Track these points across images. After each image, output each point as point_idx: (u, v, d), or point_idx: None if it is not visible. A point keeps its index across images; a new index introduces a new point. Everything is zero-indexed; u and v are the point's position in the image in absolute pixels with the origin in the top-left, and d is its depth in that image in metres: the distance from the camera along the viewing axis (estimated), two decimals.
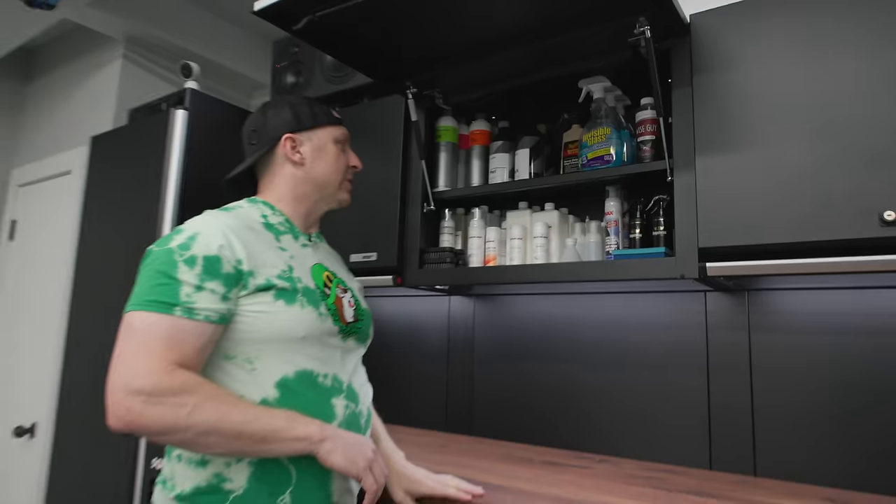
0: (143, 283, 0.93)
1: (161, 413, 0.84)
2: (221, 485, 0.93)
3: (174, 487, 0.95)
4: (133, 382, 0.84)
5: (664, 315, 1.67)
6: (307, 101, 1.19)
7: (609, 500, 1.21)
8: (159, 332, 0.88)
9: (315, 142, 1.16)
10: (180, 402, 0.84)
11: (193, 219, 1.01)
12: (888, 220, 1.10)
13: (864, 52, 1.19)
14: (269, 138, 1.14)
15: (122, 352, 0.88)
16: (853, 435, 1.39)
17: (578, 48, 1.52)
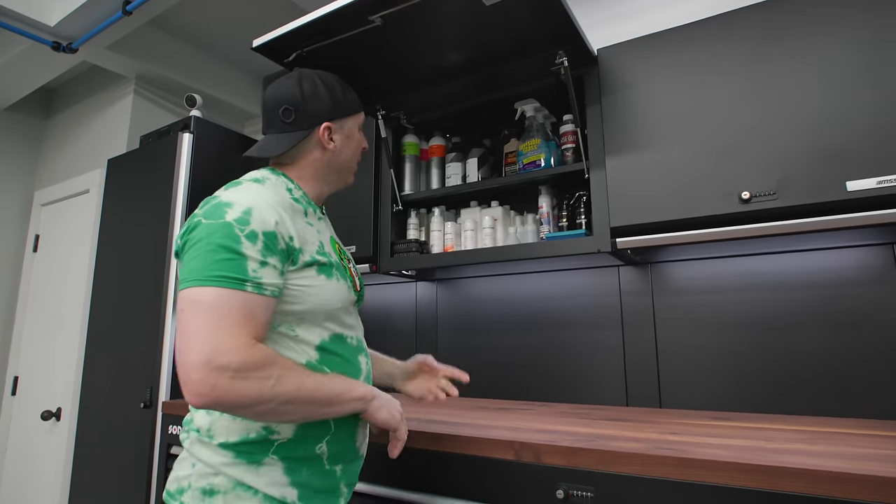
0: (205, 258, 0.79)
1: (248, 387, 0.75)
2: (270, 436, 0.87)
3: (214, 436, 0.86)
4: (218, 359, 0.74)
5: (588, 287, 1.79)
6: (340, 85, 1.04)
7: (546, 427, 1.31)
8: (235, 307, 0.77)
9: (346, 130, 1.04)
10: (265, 375, 0.77)
11: (237, 190, 0.88)
12: (745, 199, 1.25)
13: (722, 75, 1.34)
14: (308, 122, 0.99)
15: (198, 328, 0.75)
16: (732, 369, 1.52)
17: (513, 76, 1.63)
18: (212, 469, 0.86)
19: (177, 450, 1.79)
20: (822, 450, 1.01)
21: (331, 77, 1.04)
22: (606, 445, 1.07)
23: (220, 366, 0.74)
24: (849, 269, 1.42)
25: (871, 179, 1.14)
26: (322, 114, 1.00)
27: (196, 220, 0.84)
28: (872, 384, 1.35)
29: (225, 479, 0.85)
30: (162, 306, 1.99)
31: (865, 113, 1.17)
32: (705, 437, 1.14)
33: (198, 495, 0.85)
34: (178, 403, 1.83)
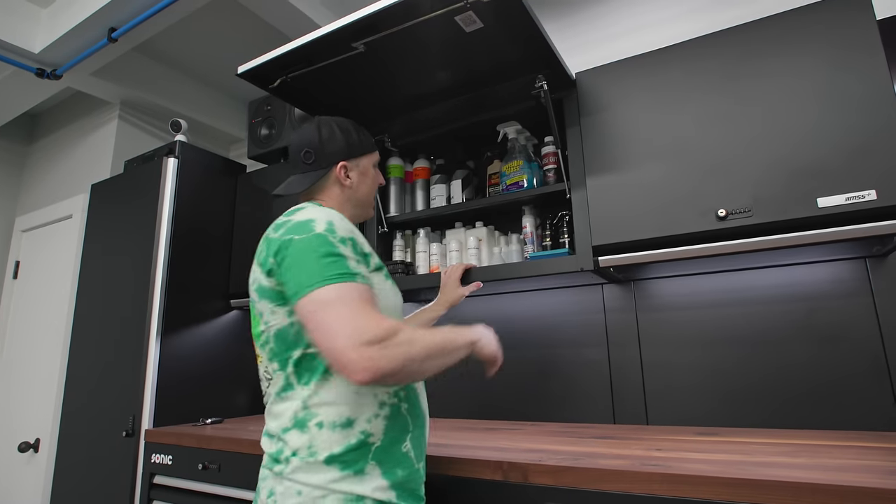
0: (314, 265, 0.89)
1: (396, 354, 0.83)
2: (367, 440, 0.93)
3: (317, 452, 0.90)
4: (363, 336, 0.81)
5: (573, 305, 1.81)
6: (354, 128, 1.16)
7: (534, 446, 1.31)
8: (357, 295, 0.87)
9: (360, 167, 1.16)
10: (404, 340, 0.85)
11: (308, 212, 0.98)
12: (721, 216, 1.28)
13: (696, 97, 1.39)
14: (326, 162, 1.11)
15: (336, 318, 0.84)
16: (716, 384, 1.54)
17: (495, 99, 1.67)
18: (320, 491, 0.89)
19: (163, 479, 1.76)
20: (803, 462, 1.02)
21: (346, 122, 1.17)
22: (593, 463, 1.08)
23: (367, 341, 0.81)
24: (825, 283, 1.45)
25: (841, 196, 1.18)
26: (338, 154, 1.12)
27: (287, 239, 0.94)
28: (852, 396, 1.38)
29: (334, 497, 0.89)
30: (145, 332, 1.96)
31: (833, 132, 1.22)
32: (689, 453, 1.15)
33: None
34: (161, 431, 1.80)
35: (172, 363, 2.00)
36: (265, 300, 0.97)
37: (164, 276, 2.03)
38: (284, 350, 0.95)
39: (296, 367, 0.94)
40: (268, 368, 0.99)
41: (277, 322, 0.95)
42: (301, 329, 0.94)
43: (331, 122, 1.14)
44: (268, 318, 0.97)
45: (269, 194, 2.24)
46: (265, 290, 0.97)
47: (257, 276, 0.99)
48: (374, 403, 0.96)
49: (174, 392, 1.99)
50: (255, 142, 2.35)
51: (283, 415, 0.95)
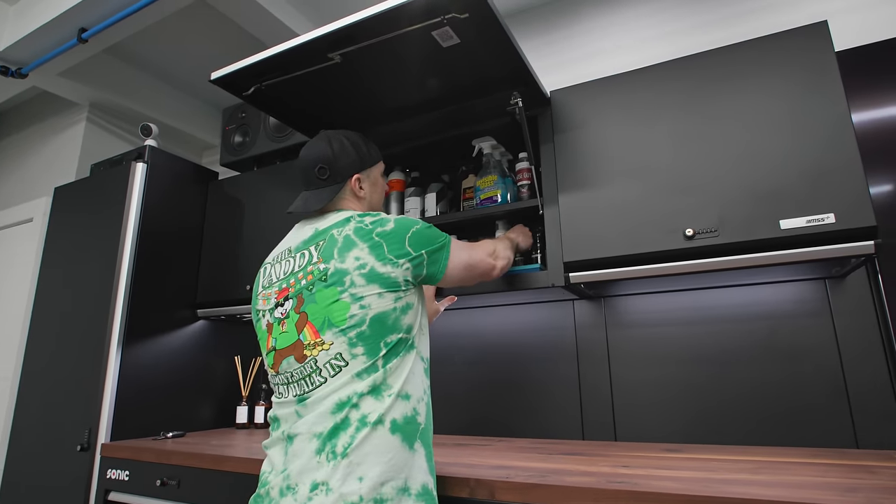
0: (448, 241, 1.15)
1: (503, 261, 1.30)
2: (416, 418, 1.01)
3: (384, 419, 0.97)
4: (489, 257, 1.24)
5: (543, 321, 1.82)
6: (363, 140, 1.24)
7: (502, 463, 1.30)
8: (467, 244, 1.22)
9: (371, 177, 1.23)
10: (502, 255, 1.30)
11: (389, 216, 1.12)
12: (689, 235, 1.31)
13: (665, 119, 1.42)
14: (341, 176, 1.17)
15: (476, 249, 1.22)
16: (683, 401, 1.56)
17: (471, 114, 1.69)
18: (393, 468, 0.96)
19: (118, 496, 1.69)
20: (764, 479, 1.04)
21: (354, 134, 1.23)
22: (560, 480, 1.07)
23: (492, 257, 1.27)
24: (787, 303, 1.49)
25: (801, 218, 1.21)
26: (351, 167, 1.18)
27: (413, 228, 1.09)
28: (812, 414, 1.41)
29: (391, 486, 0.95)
30: (106, 342, 1.90)
31: (795, 157, 1.26)
32: (655, 470, 1.16)
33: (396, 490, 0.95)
34: (118, 445, 1.73)
35: (133, 374, 1.94)
36: (374, 284, 1.01)
37: (127, 284, 1.97)
38: (381, 333, 1.00)
39: (389, 349, 1.00)
40: (342, 354, 0.99)
41: (382, 306, 1.01)
42: (401, 315, 1.03)
43: (340, 136, 1.20)
44: (369, 301, 1.00)
45: (239, 203, 2.21)
46: (376, 276, 1.02)
47: (367, 263, 1.02)
48: (423, 387, 1.06)
49: (134, 404, 1.92)
50: (229, 149, 2.32)
51: (351, 385, 0.98)
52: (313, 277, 1.04)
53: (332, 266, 1.03)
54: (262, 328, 1.11)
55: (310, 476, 0.94)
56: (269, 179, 2.14)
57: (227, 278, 2.15)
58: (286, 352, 1.04)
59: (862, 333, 1.40)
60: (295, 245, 1.14)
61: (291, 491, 0.95)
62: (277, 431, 1.05)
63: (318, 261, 1.05)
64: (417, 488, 0.97)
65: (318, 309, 1.02)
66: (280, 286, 1.10)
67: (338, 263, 1.03)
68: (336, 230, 1.08)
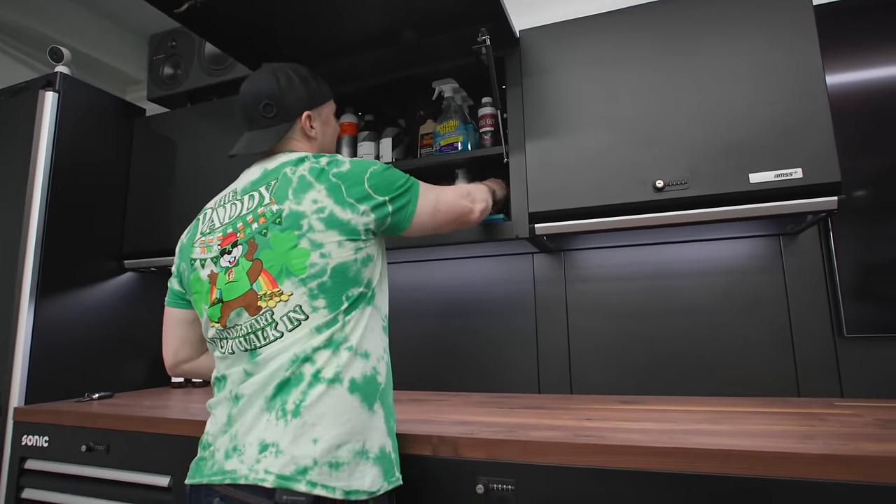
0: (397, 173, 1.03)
1: (481, 203, 1.17)
2: (376, 378, 0.94)
3: (342, 376, 0.89)
4: (464, 199, 1.12)
5: (502, 274, 1.77)
6: (311, 75, 1.11)
7: (463, 418, 1.26)
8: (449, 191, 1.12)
9: (323, 116, 1.12)
10: (477, 193, 1.19)
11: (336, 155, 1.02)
12: (658, 187, 1.27)
13: (637, 65, 1.35)
14: (289, 114, 1.05)
15: (447, 191, 1.11)
16: (639, 354, 1.57)
17: (432, 52, 1.55)
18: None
19: (36, 463, 1.52)
20: (726, 429, 1.05)
21: (301, 68, 1.10)
22: (527, 436, 1.04)
23: (471, 200, 1.15)
24: (745, 259, 1.51)
25: (770, 173, 1.20)
26: (301, 103, 1.06)
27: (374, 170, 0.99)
28: (761, 365, 1.45)
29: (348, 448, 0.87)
30: (15, 296, 1.67)
31: (766, 111, 1.23)
32: (619, 422, 1.15)
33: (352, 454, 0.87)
34: (35, 409, 1.55)
35: (51, 331, 1.73)
36: (334, 231, 0.91)
37: (40, 232, 1.73)
38: (342, 286, 0.91)
39: (350, 303, 0.92)
40: (302, 307, 0.89)
41: (342, 256, 0.91)
42: (361, 268, 0.94)
43: (287, 69, 1.07)
44: (329, 250, 0.90)
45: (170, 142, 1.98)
46: (338, 221, 0.91)
47: (326, 206, 0.91)
48: (383, 345, 0.99)
49: (53, 364, 1.72)
50: (157, 82, 2.06)
51: (309, 341, 0.89)
52: (266, 220, 0.92)
53: (286, 207, 0.92)
54: (202, 279, 0.98)
55: (257, 436, 0.84)
56: (206, 118, 1.93)
57: (158, 226, 1.94)
58: (236, 303, 0.92)
59: (810, 289, 1.44)
60: (241, 186, 1.01)
61: (238, 452, 0.86)
62: (223, 392, 0.94)
63: (271, 202, 0.93)
64: (375, 451, 0.90)
65: (274, 255, 0.90)
66: (224, 231, 0.97)
67: (293, 205, 0.92)
68: (289, 168, 0.97)
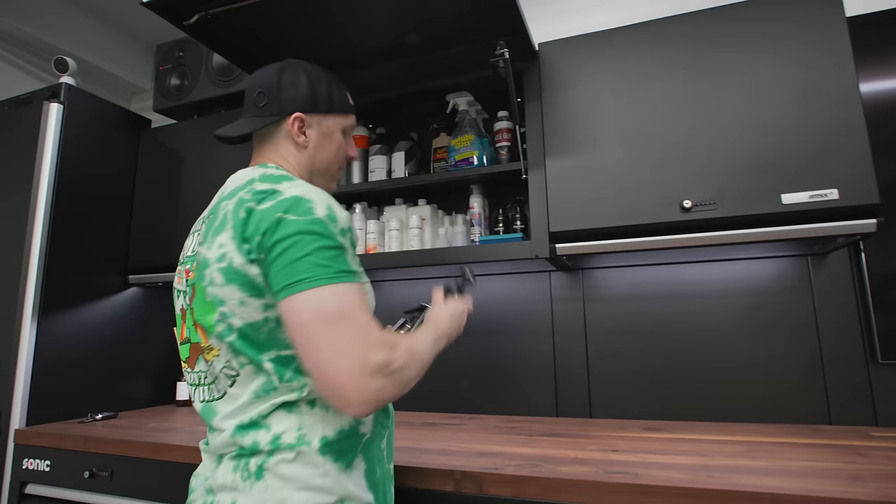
0: (315, 255, 0.71)
1: (402, 377, 0.73)
2: (359, 428, 0.81)
3: (307, 437, 0.75)
4: (370, 360, 0.68)
5: (518, 292, 1.71)
6: (327, 80, 0.96)
7: (483, 448, 1.20)
8: (360, 300, 0.73)
9: (324, 128, 0.95)
10: (407, 361, 0.74)
11: (301, 186, 0.79)
12: (686, 207, 1.22)
13: (664, 80, 1.30)
14: (278, 109, 0.91)
15: (339, 333, 0.69)
16: (660, 377, 1.51)
17: (447, 65, 1.50)
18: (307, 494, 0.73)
19: (37, 488, 1.46)
20: (764, 465, 0.99)
21: (321, 71, 0.97)
22: (554, 472, 0.98)
23: (374, 367, 0.69)
24: (770, 279, 1.45)
25: (804, 193, 1.14)
26: (294, 102, 0.92)
27: (277, 217, 0.74)
28: (794, 391, 1.39)
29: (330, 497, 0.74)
30: (17, 312, 1.62)
31: (799, 128, 1.18)
32: (648, 455, 1.09)
33: None
34: (37, 431, 1.50)
35: (54, 348, 1.68)
36: (234, 286, 0.75)
37: (43, 246, 1.68)
38: (255, 352, 0.76)
39: (276, 365, 0.76)
40: (231, 362, 0.78)
41: (248, 316, 0.75)
42: (276, 329, 0.76)
43: (299, 67, 0.94)
44: (233, 309, 0.75)
45: (176, 155, 1.93)
46: (237, 274, 0.74)
47: (227, 253, 0.75)
48: None
49: (55, 383, 1.67)
50: (164, 93, 2.01)
51: (256, 406, 0.77)
52: (197, 265, 0.81)
53: (201, 253, 0.80)
54: (178, 311, 0.89)
55: (229, 495, 0.76)
56: (213, 129, 1.87)
57: (163, 240, 1.89)
58: (197, 347, 0.82)
59: (840, 312, 1.38)
60: (207, 212, 0.89)
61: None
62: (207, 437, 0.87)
63: (202, 243, 0.81)
64: None
65: (198, 306, 0.80)
66: (188, 264, 0.86)
67: (206, 251, 0.79)
68: (227, 201, 0.81)
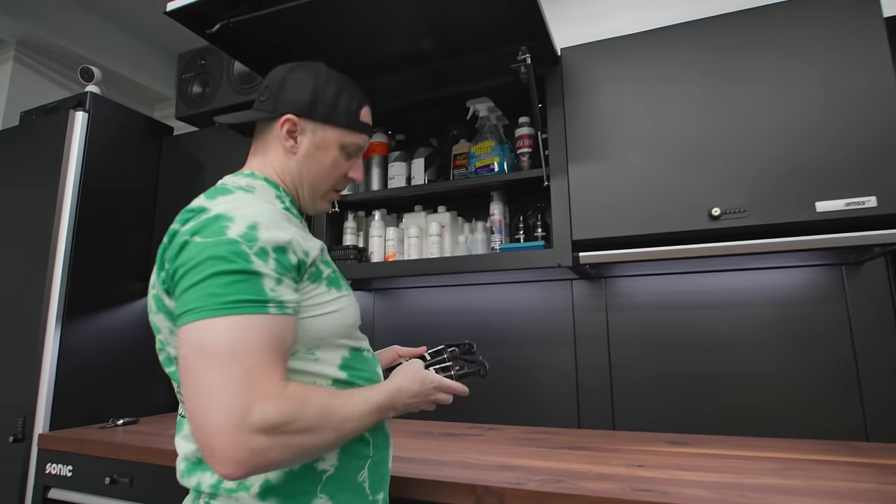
0: (210, 283, 0.61)
1: (301, 442, 0.62)
2: (316, 465, 0.72)
3: (247, 481, 0.68)
4: (252, 414, 0.57)
5: (539, 301, 1.68)
6: (338, 89, 0.87)
7: (504, 461, 1.17)
8: (260, 338, 0.61)
9: (318, 138, 0.85)
10: (309, 423, 0.62)
11: (231, 200, 0.71)
12: (715, 215, 1.18)
13: (693, 83, 1.27)
14: (273, 106, 0.85)
15: (218, 378, 0.58)
16: (685, 389, 1.47)
17: (468, 71, 1.49)
18: None
19: (60, 493, 1.47)
20: (799, 485, 0.94)
21: (339, 79, 0.88)
22: (578, 488, 0.95)
23: (261, 421, 0.58)
24: (802, 289, 1.40)
25: (840, 201, 1.10)
26: (291, 104, 0.84)
27: (183, 240, 0.66)
28: (827, 405, 1.34)
29: None
30: (41, 318, 1.64)
31: (835, 133, 1.14)
32: (675, 472, 1.05)
33: None
34: (59, 436, 1.51)
35: (77, 354, 1.69)
36: (161, 315, 0.73)
37: (67, 252, 1.70)
38: None
39: None
40: (178, 388, 0.77)
41: None
42: None
43: (314, 69, 0.87)
44: (167, 338, 0.74)
45: (198, 162, 1.95)
46: (161, 304, 0.71)
47: (155, 281, 0.73)
48: None
49: (77, 388, 1.68)
50: (186, 100, 2.03)
51: None
52: None
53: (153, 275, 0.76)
54: None
55: None
56: (234, 137, 1.88)
57: None
58: None
59: (876, 323, 1.33)
60: None
61: None
62: None
63: None
64: None
65: None
66: None
67: (154, 274, 0.75)
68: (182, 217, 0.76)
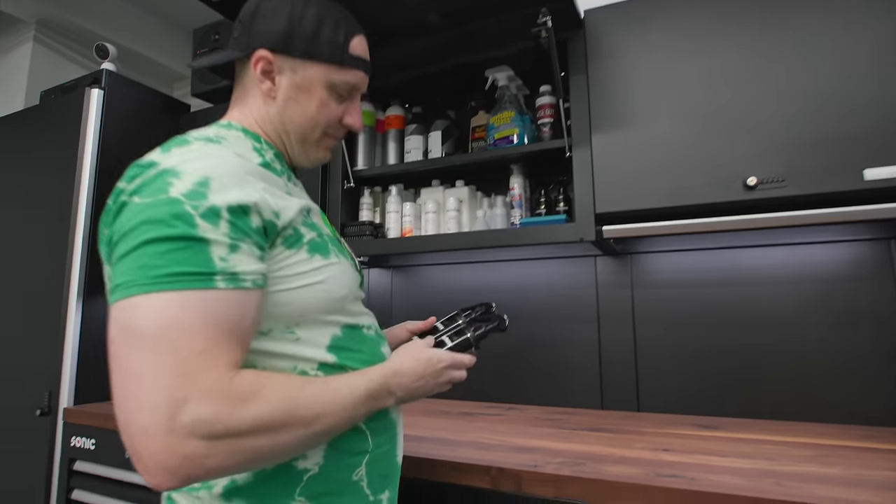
0: (142, 252, 0.51)
1: (239, 447, 0.50)
2: (295, 464, 0.61)
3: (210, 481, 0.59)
4: (185, 412, 0.47)
5: (561, 277, 1.62)
6: (319, 16, 0.71)
7: (522, 442, 1.13)
8: (201, 318, 0.50)
9: (299, 78, 0.71)
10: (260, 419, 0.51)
11: (183, 152, 0.58)
12: (750, 185, 1.09)
13: (728, 45, 1.18)
14: (245, 43, 0.70)
15: (145, 367, 0.48)
16: (715, 369, 1.40)
17: (486, 37, 1.41)
18: None
19: (84, 465, 1.50)
20: (839, 474, 0.88)
21: (327, 5, 0.72)
22: (599, 472, 0.90)
23: (195, 421, 0.47)
24: (844, 264, 1.31)
25: (892, 167, 1.00)
26: (264, 37, 0.69)
27: (122, 200, 0.55)
28: (869, 387, 1.26)
29: None
30: (64, 294, 1.66)
31: (885, 95, 1.04)
32: (703, 456, 0.99)
33: None
34: (83, 411, 1.53)
35: (98, 329, 1.71)
36: None
37: (86, 230, 1.70)
38: None
39: None
40: None
41: None
42: None
43: None
44: None
45: None
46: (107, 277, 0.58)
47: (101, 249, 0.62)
48: None
49: (101, 364, 1.70)
50: (200, 76, 2.00)
51: None
52: None
53: None
54: None
55: None
56: None
57: None
58: None
59: None
60: None
61: None
62: None
63: None
64: None
65: None
66: None
67: None
68: None
